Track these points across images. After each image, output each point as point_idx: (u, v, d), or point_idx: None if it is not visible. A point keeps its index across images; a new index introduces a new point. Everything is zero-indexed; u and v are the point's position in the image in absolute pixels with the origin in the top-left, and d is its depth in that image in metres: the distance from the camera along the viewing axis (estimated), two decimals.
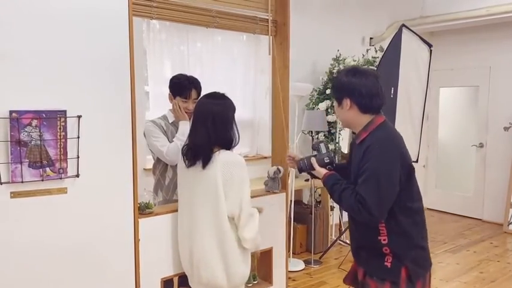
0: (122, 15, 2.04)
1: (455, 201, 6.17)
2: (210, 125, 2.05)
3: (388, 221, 1.83)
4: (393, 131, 1.92)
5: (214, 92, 2.20)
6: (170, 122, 2.72)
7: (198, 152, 2.07)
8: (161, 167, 2.72)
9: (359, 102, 1.85)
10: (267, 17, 2.86)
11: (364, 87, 1.83)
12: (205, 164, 2.04)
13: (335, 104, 1.97)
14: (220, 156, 2.05)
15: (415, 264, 1.85)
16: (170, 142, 2.62)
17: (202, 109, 2.11)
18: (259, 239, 2.16)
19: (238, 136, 2.14)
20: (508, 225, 5.41)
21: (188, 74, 2.77)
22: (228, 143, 2.10)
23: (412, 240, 1.87)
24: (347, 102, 1.87)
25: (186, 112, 2.66)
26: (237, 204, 2.04)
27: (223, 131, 2.08)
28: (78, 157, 1.95)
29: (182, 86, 2.65)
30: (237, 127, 2.14)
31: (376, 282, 1.88)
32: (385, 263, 1.85)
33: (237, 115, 2.19)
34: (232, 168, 2.04)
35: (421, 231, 1.92)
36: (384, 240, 1.85)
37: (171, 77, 2.75)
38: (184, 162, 2.13)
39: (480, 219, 5.87)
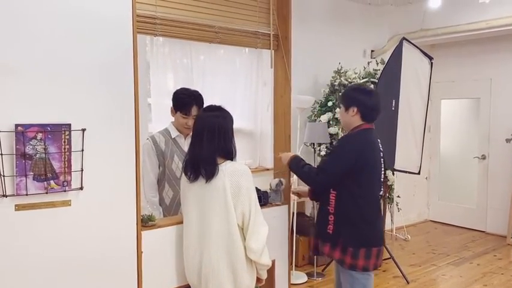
0: (126, 32, 2.07)
1: (458, 214, 6.15)
2: (212, 137, 2.07)
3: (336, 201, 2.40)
4: (364, 137, 2.43)
5: (211, 105, 2.22)
6: (173, 136, 2.69)
7: (202, 165, 2.07)
8: (161, 185, 2.69)
9: (363, 112, 2.43)
10: (268, 32, 2.90)
11: (369, 102, 2.44)
12: (209, 177, 2.05)
13: (341, 108, 2.53)
14: (227, 167, 2.07)
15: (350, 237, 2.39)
16: (168, 160, 2.62)
17: (203, 122, 2.13)
18: (265, 252, 2.12)
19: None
20: None
21: (192, 86, 2.79)
22: (230, 154, 2.12)
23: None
24: (354, 109, 2.43)
25: (185, 128, 2.66)
26: (246, 213, 2.05)
27: (225, 143, 2.10)
28: (82, 170, 1.96)
29: (184, 102, 2.62)
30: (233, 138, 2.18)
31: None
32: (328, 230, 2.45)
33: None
34: (239, 178, 2.05)
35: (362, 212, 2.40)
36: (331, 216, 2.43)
37: (175, 89, 2.75)
38: (187, 177, 2.14)
39: (483, 232, 5.84)
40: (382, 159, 2.51)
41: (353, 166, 2.35)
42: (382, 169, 2.53)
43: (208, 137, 2.08)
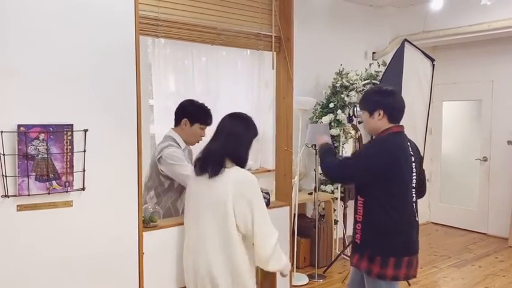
0: (128, 33, 2.08)
1: (459, 216, 6.14)
2: (228, 139, 2.10)
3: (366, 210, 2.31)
4: (394, 142, 2.33)
5: (239, 112, 2.26)
6: (182, 148, 2.66)
7: (210, 158, 2.08)
8: (173, 195, 2.66)
9: (389, 114, 2.32)
10: (270, 34, 2.90)
11: (394, 102, 2.35)
12: (213, 174, 2.05)
13: (365, 114, 2.40)
14: (232, 171, 2.06)
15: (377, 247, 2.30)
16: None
17: (224, 125, 2.17)
18: (274, 258, 2.09)
19: None
20: None
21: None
22: (242, 162, 2.12)
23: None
24: (380, 112, 2.32)
25: (199, 139, 2.68)
26: (249, 224, 2.02)
27: (239, 148, 2.12)
28: (84, 170, 1.97)
29: (208, 113, 2.66)
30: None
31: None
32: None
33: None
34: (244, 187, 2.04)
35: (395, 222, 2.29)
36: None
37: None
38: (195, 169, 2.14)
39: (485, 234, 5.83)
40: (413, 164, 2.35)
41: (380, 173, 2.24)
42: (414, 174, 2.35)
43: (224, 138, 2.11)
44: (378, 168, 2.24)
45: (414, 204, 2.37)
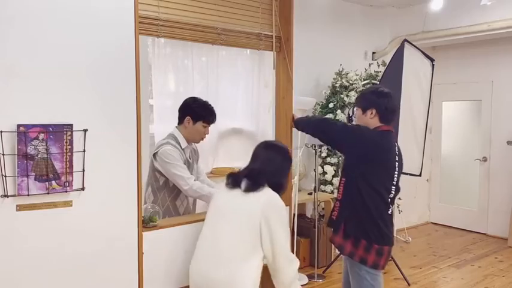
0: (128, 33, 2.08)
1: (459, 216, 6.14)
2: (268, 163, 2.17)
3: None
4: (381, 136, 2.43)
5: (275, 142, 2.46)
6: (183, 147, 2.65)
7: (250, 174, 2.12)
8: (170, 193, 2.64)
9: (381, 114, 2.44)
10: (271, 34, 2.90)
11: (387, 104, 2.46)
12: (250, 188, 2.07)
13: (358, 111, 2.52)
14: (267, 192, 2.09)
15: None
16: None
17: (261, 152, 2.25)
18: (298, 284, 2.16)
19: None
20: None
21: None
22: (279, 188, 2.17)
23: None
24: (372, 111, 2.44)
25: (202, 137, 2.69)
26: (269, 246, 2.04)
27: (280, 174, 2.20)
28: (83, 170, 1.97)
29: (211, 111, 2.68)
30: None
31: None
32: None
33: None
34: (271, 210, 2.06)
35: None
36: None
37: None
38: (229, 182, 2.16)
39: (485, 234, 5.83)
40: (397, 163, 2.46)
41: (360, 154, 2.37)
42: (396, 173, 2.46)
43: (264, 163, 2.17)
44: (355, 143, 2.39)
45: (390, 199, 2.47)
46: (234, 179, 2.15)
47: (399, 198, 5.30)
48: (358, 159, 2.38)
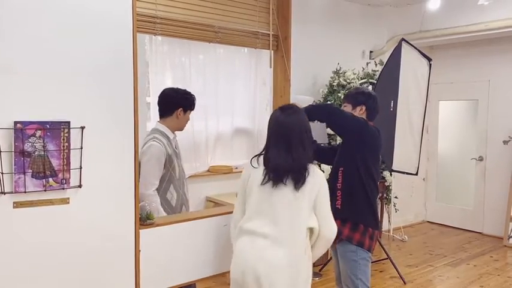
0: (126, 31, 2.07)
1: (455, 215, 6.17)
2: (302, 142, 2.01)
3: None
4: (372, 128, 2.60)
5: (287, 105, 2.14)
6: (170, 138, 2.66)
7: (292, 174, 2.01)
8: (166, 187, 2.61)
9: (368, 112, 2.66)
10: (268, 32, 2.90)
11: (374, 104, 2.69)
12: (299, 185, 2.00)
13: (347, 106, 2.69)
14: (316, 171, 2.06)
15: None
16: (173, 161, 2.58)
17: (287, 125, 2.03)
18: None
19: None
20: (508, 238, 5.40)
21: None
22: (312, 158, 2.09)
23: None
24: (362, 108, 2.65)
25: (185, 125, 2.72)
26: (321, 219, 2.08)
27: (311, 147, 2.07)
28: (81, 168, 1.97)
29: (194, 98, 2.71)
30: None
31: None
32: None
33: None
34: (321, 183, 2.07)
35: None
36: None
37: (165, 90, 2.76)
38: (266, 180, 2.05)
39: (480, 233, 5.86)
40: (380, 156, 2.69)
41: (358, 138, 2.51)
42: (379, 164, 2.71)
43: (297, 143, 2.01)
44: (354, 126, 2.51)
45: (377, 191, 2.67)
46: (276, 176, 2.02)
47: (395, 197, 5.32)
48: (359, 147, 2.52)
